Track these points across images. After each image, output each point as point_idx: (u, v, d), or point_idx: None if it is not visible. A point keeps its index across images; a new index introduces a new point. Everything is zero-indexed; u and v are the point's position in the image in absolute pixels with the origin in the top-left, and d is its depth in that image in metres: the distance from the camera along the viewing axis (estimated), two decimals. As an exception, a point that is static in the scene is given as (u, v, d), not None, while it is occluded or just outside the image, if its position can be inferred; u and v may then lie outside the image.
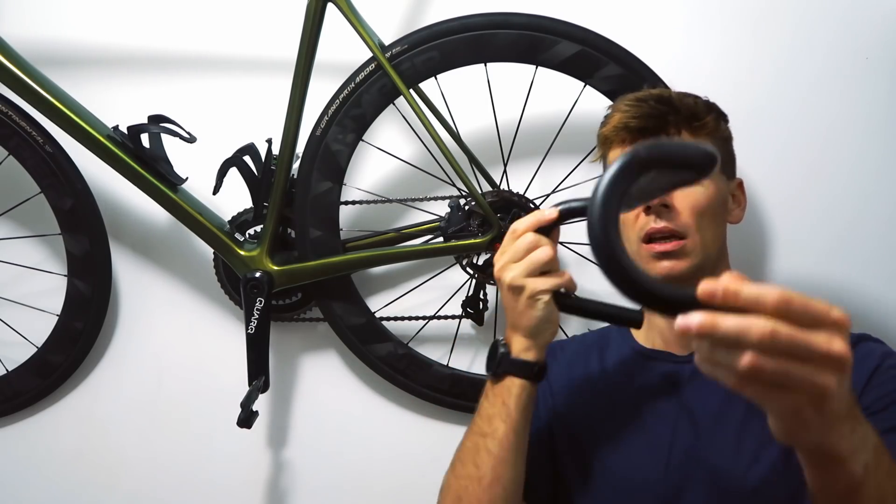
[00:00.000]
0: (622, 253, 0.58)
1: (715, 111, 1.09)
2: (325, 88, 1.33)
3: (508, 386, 0.95)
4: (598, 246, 0.58)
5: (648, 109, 1.05)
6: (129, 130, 1.32)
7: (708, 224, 1.03)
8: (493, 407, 0.96)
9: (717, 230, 1.06)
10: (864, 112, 1.36)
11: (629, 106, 1.06)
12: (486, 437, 0.96)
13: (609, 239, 0.57)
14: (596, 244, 0.58)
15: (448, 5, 1.39)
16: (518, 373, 0.95)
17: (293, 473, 1.51)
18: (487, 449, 0.95)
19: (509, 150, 1.38)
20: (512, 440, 0.95)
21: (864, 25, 1.36)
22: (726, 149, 1.11)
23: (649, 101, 1.06)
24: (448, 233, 1.33)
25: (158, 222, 1.52)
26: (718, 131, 1.08)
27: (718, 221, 1.06)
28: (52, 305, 1.50)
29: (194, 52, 1.50)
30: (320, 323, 1.46)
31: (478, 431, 0.97)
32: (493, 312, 1.43)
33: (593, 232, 0.58)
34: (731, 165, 1.13)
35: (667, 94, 1.08)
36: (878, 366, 0.97)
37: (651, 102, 1.06)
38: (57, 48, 1.50)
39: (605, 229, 0.58)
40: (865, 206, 1.37)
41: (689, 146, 0.65)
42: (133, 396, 1.54)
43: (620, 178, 0.59)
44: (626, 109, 1.06)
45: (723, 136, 1.10)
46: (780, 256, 1.39)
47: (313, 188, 1.35)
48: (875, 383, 0.95)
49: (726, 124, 1.12)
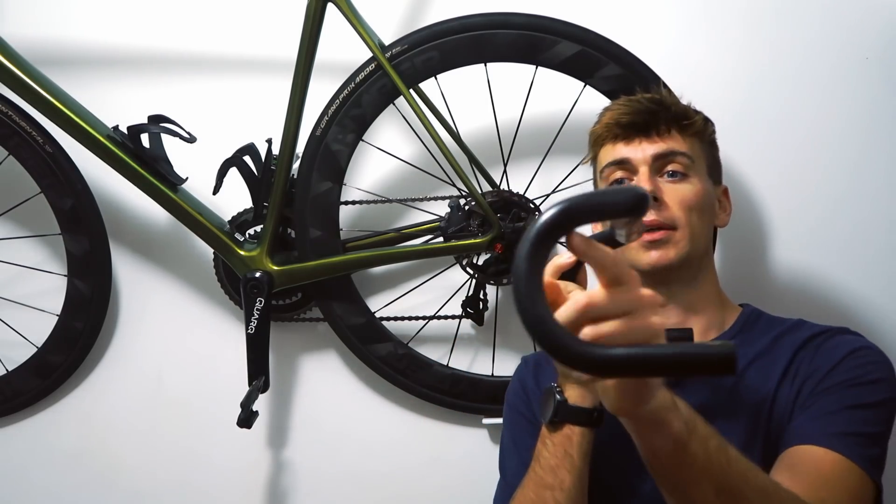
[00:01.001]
0: (551, 321, 0.56)
1: (702, 115, 1.12)
2: (325, 88, 1.33)
3: (569, 435, 0.94)
4: (525, 318, 0.56)
5: (640, 106, 1.08)
6: (129, 130, 1.32)
7: (696, 219, 1.05)
8: (554, 458, 0.94)
9: (704, 227, 1.07)
10: (865, 112, 1.36)
11: (621, 105, 1.09)
12: (554, 490, 0.94)
13: (537, 311, 0.55)
14: (523, 315, 0.56)
15: (448, 5, 1.39)
16: (578, 421, 0.93)
17: (293, 473, 1.51)
18: (556, 501, 0.93)
19: (509, 150, 1.38)
20: (578, 488, 0.94)
21: (864, 25, 1.36)
22: (712, 153, 1.13)
23: (641, 100, 1.09)
24: (448, 233, 1.33)
25: (158, 222, 1.52)
26: (706, 133, 1.11)
27: (706, 219, 1.08)
28: (52, 305, 1.50)
29: (194, 53, 1.50)
30: (320, 323, 1.46)
31: (541, 483, 0.95)
32: (493, 312, 1.43)
33: (520, 305, 0.56)
34: (717, 171, 1.14)
35: (658, 95, 1.11)
36: (845, 355, 0.99)
37: (642, 101, 1.09)
38: (57, 48, 1.50)
39: (531, 299, 0.55)
40: (866, 205, 1.37)
41: (607, 193, 0.63)
42: (133, 396, 1.54)
43: (540, 244, 0.56)
44: (618, 108, 1.09)
45: (709, 139, 1.13)
46: (779, 256, 1.39)
47: (313, 188, 1.35)
48: (841, 367, 0.98)
49: (713, 129, 1.13)
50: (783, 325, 1.07)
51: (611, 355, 0.56)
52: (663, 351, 0.57)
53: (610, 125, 1.08)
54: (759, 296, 1.32)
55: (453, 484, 1.47)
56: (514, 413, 1.16)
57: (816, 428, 0.93)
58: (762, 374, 1.01)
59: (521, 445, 1.09)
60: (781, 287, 1.39)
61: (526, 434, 1.09)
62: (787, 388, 0.99)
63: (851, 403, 0.94)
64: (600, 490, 0.99)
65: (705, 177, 1.09)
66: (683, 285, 1.07)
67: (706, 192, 1.07)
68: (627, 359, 0.56)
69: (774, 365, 1.01)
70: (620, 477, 1.01)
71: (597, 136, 1.11)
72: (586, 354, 0.56)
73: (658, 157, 1.06)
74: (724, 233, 1.32)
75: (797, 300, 1.37)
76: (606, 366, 0.56)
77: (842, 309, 1.36)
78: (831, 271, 1.37)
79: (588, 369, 0.56)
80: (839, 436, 0.91)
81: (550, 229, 0.56)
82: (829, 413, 0.94)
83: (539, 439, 0.97)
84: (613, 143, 1.09)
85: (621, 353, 0.56)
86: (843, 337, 1.03)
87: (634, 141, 1.07)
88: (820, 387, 0.97)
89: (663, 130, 1.06)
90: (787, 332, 1.05)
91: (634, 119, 1.07)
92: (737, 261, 1.39)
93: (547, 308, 0.56)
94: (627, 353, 0.56)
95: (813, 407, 0.96)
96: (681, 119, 1.08)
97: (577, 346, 0.56)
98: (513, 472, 1.09)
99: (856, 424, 0.93)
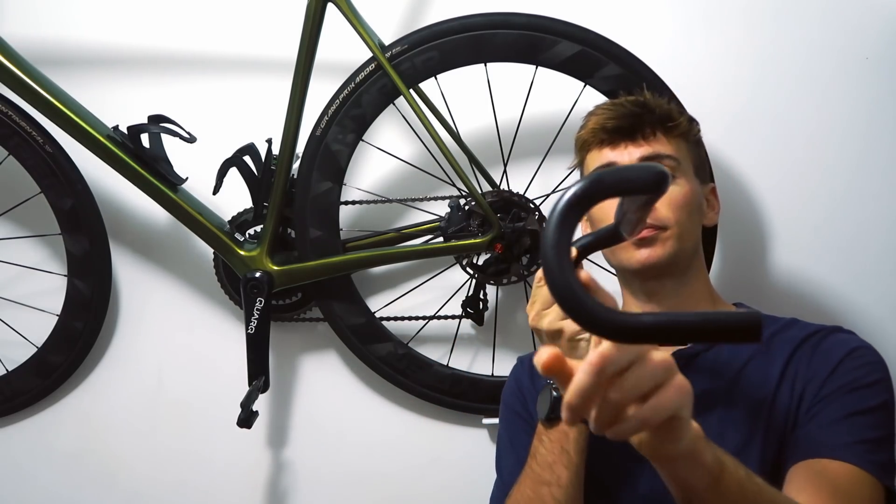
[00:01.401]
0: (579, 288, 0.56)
1: (686, 115, 1.12)
2: (325, 88, 1.33)
3: (565, 431, 0.94)
4: (554, 286, 0.56)
5: (624, 111, 1.08)
6: (129, 130, 1.32)
7: (685, 219, 1.06)
8: (551, 454, 0.95)
9: (693, 226, 1.08)
10: (865, 112, 1.36)
11: (605, 109, 1.10)
12: (551, 486, 0.95)
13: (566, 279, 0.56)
14: (552, 283, 0.56)
15: (448, 5, 1.39)
16: None
17: (293, 473, 1.52)
18: (553, 497, 0.94)
19: (509, 150, 1.38)
20: (575, 484, 0.94)
21: (865, 25, 1.36)
22: (698, 152, 1.14)
23: (625, 104, 1.10)
24: (448, 233, 1.33)
25: (158, 222, 1.52)
26: (691, 133, 1.11)
27: (694, 219, 1.08)
28: (52, 305, 1.50)
29: (194, 52, 1.50)
30: (320, 323, 1.46)
31: (538, 479, 0.96)
32: (493, 312, 1.43)
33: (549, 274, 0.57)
34: (703, 170, 1.15)
35: (641, 98, 1.12)
36: (846, 356, 0.99)
37: (626, 105, 1.10)
38: (57, 48, 1.50)
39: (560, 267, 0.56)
40: (866, 205, 1.37)
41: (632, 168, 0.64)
42: (133, 396, 1.54)
43: (570, 214, 0.58)
44: (603, 112, 1.10)
45: (695, 139, 1.13)
46: (779, 256, 1.39)
47: (313, 188, 1.35)
48: (840, 371, 0.98)
49: (698, 129, 1.14)
50: (777, 323, 1.08)
51: (637, 321, 0.56)
52: (689, 318, 0.57)
53: (595, 130, 1.09)
54: (757, 296, 1.33)
55: (453, 484, 1.47)
56: (510, 412, 1.16)
57: (825, 439, 0.93)
58: (759, 375, 1.02)
59: (518, 444, 1.09)
60: (780, 288, 1.39)
61: (522, 433, 1.10)
62: (786, 391, 0.99)
63: (854, 410, 0.95)
64: (596, 485, 0.99)
65: (692, 177, 1.10)
66: (673, 283, 1.07)
67: (694, 192, 1.08)
68: (654, 325, 0.56)
69: (771, 366, 1.02)
70: (616, 472, 1.02)
71: (583, 141, 1.12)
72: (614, 321, 0.56)
73: (644, 160, 1.06)
74: (723, 233, 1.32)
75: (795, 301, 1.37)
76: (633, 332, 0.56)
77: (838, 310, 1.36)
78: (830, 272, 1.37)
79: (615, 336, 0.56)
80: (849, 446, 0.92)
81: (580, 199, 0.58)
82: (834, 422, 0.94)
83: (535, 436, 0.97)
84: (600, 149, 1.09)
85: (648, 319, 0.56)
86: (837, 336, 1.04)
87: (620, 145, 1.07)
88: (821, 393, 0.97)
89: (648, 133, 1.07)
90: (780, 330, 1.06)
91: (619, 123, 1.07)
92: (736, 261, 1.39)
93: (575, 276, 0.56)
94: (655, 320, 0.56)
95: (818, 416, 0.96)
96: (665, 121, 1.08)
97: (605, 313, 0.56)
98: (509, 470, 1.09)
99: (862, 431, 0.93)
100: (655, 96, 1.13)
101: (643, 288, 1.09)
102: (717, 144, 1.32)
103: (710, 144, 1.26)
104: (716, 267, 1.33)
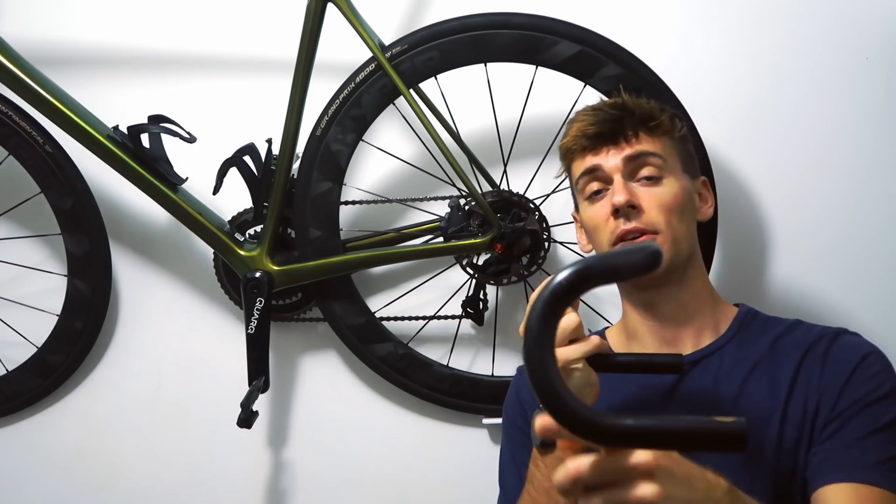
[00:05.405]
0: (561, 386, 0.56)
1: (668, 112, 1.11)
2: (325, 88, 1.32)
3: (560, 457, 0.93)
4: (535, 380, 0.56)
5: (604, 115, 1.08)
6: (129, 130, 1.32)
7: (677, 221, 1.04)
8: (547, 480, 0.92)
9: (686, 227, 1.06)
10: (864, 112, 1.36)
11: (586, 115, 1.09)
12: None
13: (548, 375, 0.55)
14: (532, 378, 0.56)
15: (448, 5, 1.39)
16: None
17: (293, 473, 1.51)
18: None
19: (509, 150, 1.38)
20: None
21: (864, 25, 1.36)
22: (684, 148, 1.12)
23: (604, 109, 1.09)
24: (448, 233, 1.33)
25: (158, 222, 1.52)
26: (675, 130, 1.10)
27: (687, 219, 1.07)
28: (52, 305, 1.50)
29: (194, 52, 1.50)
30: (320, 323, 1.46)
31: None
32: (493, 312, 1.43)
33: (531, 367, 0.56)
34: (692, 165, 1.13)
35: (620, 100, 1.11)
36: (857, 365, 0.98)
37: (606, 109, 1.09)
38: (57, 48, 1.50)
39: (542, 362, 0.55)
40: (865, 205, 1.37)
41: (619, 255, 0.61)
42: (133, 396, 1.54)
43: (554, 307, 0.56)
44: (583, 119, 1.09)
45: (680, 134, 1.11)
46: (778, 255, 1.39)
47: (313, 188, 1.35)
48: (853, 383, 0.97)
49: (682, 124, 1.12)
50: (780, 325, 1.06)
51: (620, 425, 0.55)
52: (674, 424, 0.56)
53: (577, 137, 1.08)
54: (758, 296, 1.33)
55: (453, 484, 1.47)
56: (511, 427, 1.15)
57: (847, 462, 0.92)
58: (768, 384, 1.00)
59: (520, 461, 1.08)
60: (781, 288, 1.38)
61: (523, 449, 1.08)
62: (798, 403, 0.98)
63: (873, 427, 0.94)
64: None
65: (680, 174, 1.08)
66: (672, 288, 1.06)
67: (684, 190, 1.06)
68: (637, 430, 0.55)
69: (779, 374, 1.00)
70: None
71: (566, 150, 1.11)
72: (596, 423, 0.55)
73: (629, 160, 1.05)
74: (723, 233, 1.32)
75: (796, 301, 1.37)
76: (615, 436, 0.55)
77: (839, 310, 1.36)
78: (831, 272, 1.37)
79: (596, 438, 0.56)
80: (873, 467, 0.91)
81: (565, 291, 0.56)
82: (854, 441, 0.93)
83: (531, 461, 0.96)
84: (583, 156, 1.08)
85: (631, 423, 0.55)
86: (845, 340, 1.02)
87: (602, 150, 1.06)
88: (837, 408, 0.96)
89: (630, 135, 1.06)
90: (785, 332, 1.05)
91: (600, 129, 1.06)
92: (736, 261, 1.39)
93: (558, 372, 0.55)
94: (637, 425, 0.55)
95: (836, 436, 0.95)
96: (647, 121, 1.07)
97: (586, 413, 0.55)
98: (511, 487, 1.08)
99: (883, 449, 0.93)
100: (634, 97, 1.12)
101: (641, 298, 1.08)
102: (716, 143, 1.32)
103: (709, 143, 1.26)
104: (716, 267, 1.33)
